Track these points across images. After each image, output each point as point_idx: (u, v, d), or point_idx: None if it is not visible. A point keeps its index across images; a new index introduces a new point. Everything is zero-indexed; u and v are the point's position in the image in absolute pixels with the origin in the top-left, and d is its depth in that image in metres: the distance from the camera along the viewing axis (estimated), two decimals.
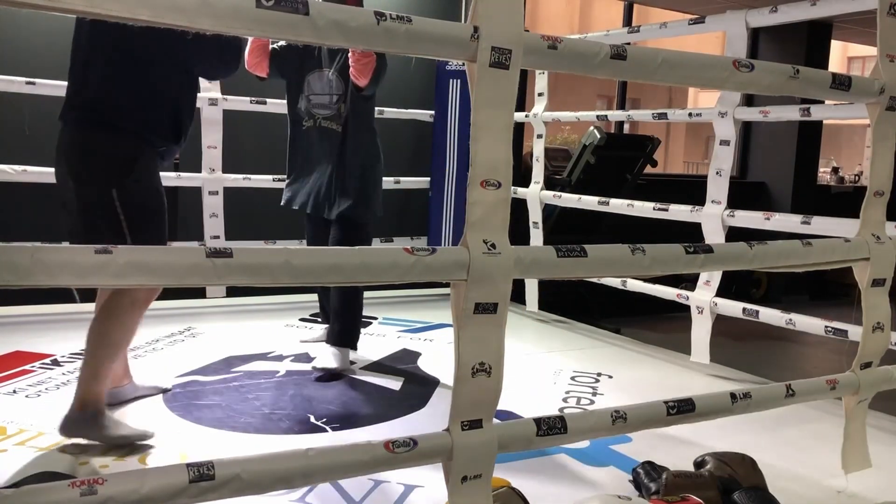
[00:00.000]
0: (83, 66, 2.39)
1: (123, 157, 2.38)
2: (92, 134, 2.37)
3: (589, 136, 5.48)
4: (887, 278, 2.24)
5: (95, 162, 2.36)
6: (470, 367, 1.61)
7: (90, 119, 2.37)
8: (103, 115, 2.36)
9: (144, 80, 2.38)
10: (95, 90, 2.36)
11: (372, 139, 3.31)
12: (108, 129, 2.36)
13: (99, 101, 2.36)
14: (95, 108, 2.36)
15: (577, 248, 1.72)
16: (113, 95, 2.36)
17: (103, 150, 2.36)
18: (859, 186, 8.86)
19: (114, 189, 2.34)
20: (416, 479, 2.25)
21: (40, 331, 3.75)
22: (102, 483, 1.30)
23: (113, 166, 2.36)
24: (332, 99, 3.23)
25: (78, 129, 2.38)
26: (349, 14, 1.43)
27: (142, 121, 2.38)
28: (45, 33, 4.16)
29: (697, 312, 3.58)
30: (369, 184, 3.30)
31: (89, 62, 2.38)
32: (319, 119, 3.25)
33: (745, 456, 2.26)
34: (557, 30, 14.92)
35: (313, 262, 1.48)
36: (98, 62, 2.36)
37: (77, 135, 2.38)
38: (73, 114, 2.39)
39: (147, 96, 2.39)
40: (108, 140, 2.37)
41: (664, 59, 1.78)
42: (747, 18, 3.37)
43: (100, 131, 2.37)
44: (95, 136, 2.37)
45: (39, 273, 1.27)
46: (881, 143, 2.20)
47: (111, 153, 2.37)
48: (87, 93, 2.37)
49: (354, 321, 3.35)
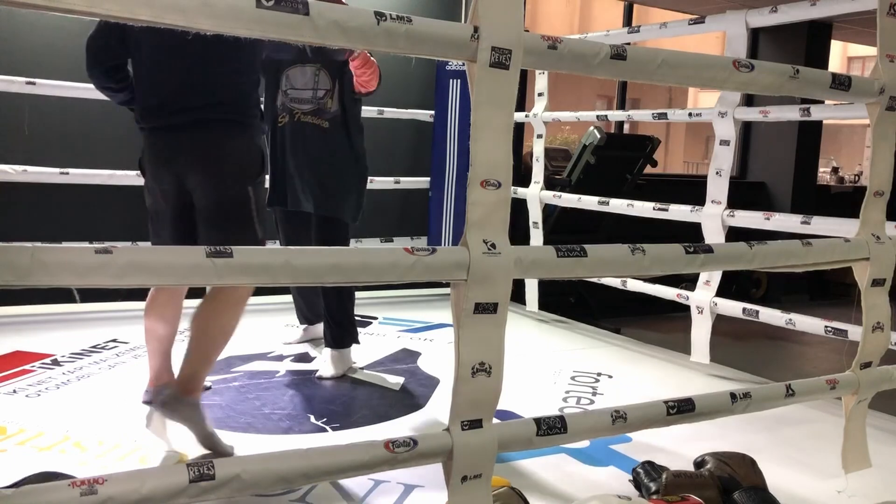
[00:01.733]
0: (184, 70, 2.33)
1: (258, 153, 2.43)
2: (228, 132, 2.36)
3: (589, 136, 5.47)
4: (887, 278, 2.24)
5: (236, 160, 2.37)
6: (470, 367, 1.61)
7: (219, 119, 2.34)
8: (233, 113, 2.36)
9: (249, 79, 2.44)
10: (213, 91, 2.33)
11: (360, 137, 3.29)
12: (242, 127, 2.39)
13: (224, 101, 2.34)
14: (222, 108, 2.34)
15: (577, 248, 1.72)
16: (232, 95, 2.37)
17: (243, 148, 2.39)
18: (859, 186, 8.86)
19: (250, 186, 2.38)
20: (416, 479, 2.25)
21: (40, 331, 3.75)
22: (102, 483, 1.30)
23: (253, 163, 2.41)
24: (315, 94, 3.17)
25: (207, 128, 2.34)
26: (349, 14, 1.43)
27: (257, 117, 2.46)
28: (45, 33, 4.16)
29: (697, 312, 3.58)
30: (356, 181, 3.27)
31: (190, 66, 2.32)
32: (298, 114, 3.18)
33: (745, 456, 2.26)
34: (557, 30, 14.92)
35: (313, 262, 1.48)
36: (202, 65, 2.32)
37: (209, 134, 2.34)
38: (189, 115, 2.33)
39: (254, 94, 2.47)
40: (245, 137, 2.40)
41: (664, 59, 1.78)
42: (747, 18, 3.37)
43: (235, 130, 2.37)
44: (233, 134, 2.37)
45: (39, 273, 1.26)
46: (881, 143, 2.20)
47: (250, 150, 2.41)
48: (201, 94, 2.33)
49: (351, 319, 3.34)
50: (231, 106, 2.36)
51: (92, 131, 4.32)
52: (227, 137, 2.37)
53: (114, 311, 4.17)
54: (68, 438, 2.47)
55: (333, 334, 3.30)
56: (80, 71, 4.16)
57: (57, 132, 4.24)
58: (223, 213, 2.36)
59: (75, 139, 4.28)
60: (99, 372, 3.18)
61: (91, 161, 4.15)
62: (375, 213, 5.03)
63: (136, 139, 4.55)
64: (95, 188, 4.13)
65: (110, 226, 4.37)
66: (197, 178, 2.36)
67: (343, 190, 3.22)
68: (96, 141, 4.33)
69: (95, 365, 3.27)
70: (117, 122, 4.35)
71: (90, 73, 2.48)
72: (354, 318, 3.37)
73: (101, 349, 3.51)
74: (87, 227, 4.27)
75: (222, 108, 2.34)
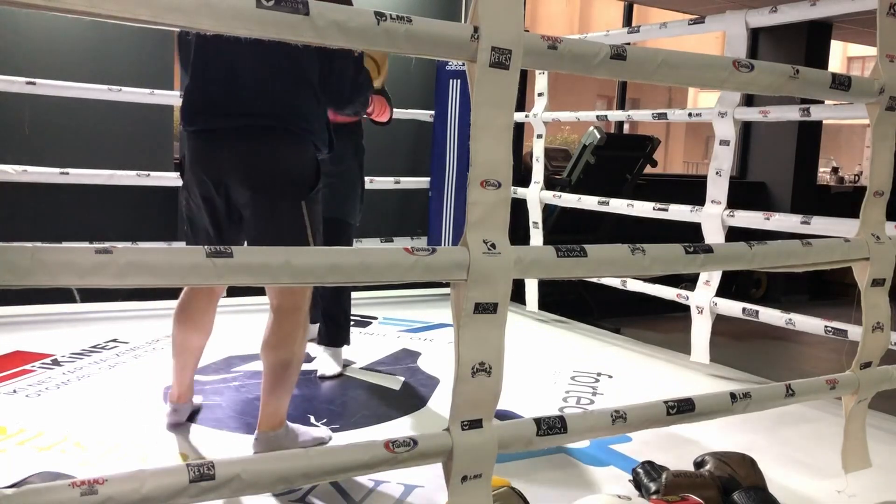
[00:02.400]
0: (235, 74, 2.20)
1: (312, 167, 2.27)
2: (281, 143, 2.21)
3: (589, 136, 5.48)
4: (887, 278, 2.24)
5: (289, 173, 2.23)
6: (470, 367, 1.61)
7: (272, 127, 2.19)
8: (289, 123, 2.20)
9: (309, 90, 2.25)
10: (267, 99, 2.19)
11: (361, 139, 3.32)
12: (296, 139, 2.23)
13: (278, 111, 2.19)
14: (276, 116, 2.19)
15: (577, 248, 1.72)
16: (288, 106, 2.21)
17: (296, 161, 2.24)
18: (859, 186, 8.86)
19: (303, 201, 2.24)
20: (416, 479, 2.25)
21: (40, 331, 3.75)
22: (102, 483, 1.30)
23: (308, 176, 2.26)
24: None
25: (259, 137, 2.20)
26: (349, 14, 1.43)
27: (315, 130, 2.28)
28: (45, 33, 4.17)
29: (697, 312, 3.58)
30: (361, 183, 3.32)
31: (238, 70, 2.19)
32: None
33: (745, 456, 2.26)
34: (557, 30, 14.92)
35: (313, 262, 1.48)
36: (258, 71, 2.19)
37: (260, 144, 2.20)
38: (242, 120, 2.19)
39: (314, 106, 2.28)
40: (299, 150, 2.24)
41: (664, 59, 1.78)
42: (747, 18, 3.37)
43: (289, 141, 2.22)
44: (286, 146, 2.22)
45: (39, 273, 1.26)
46: (881, 143, 2.20)
47: (304, 163, 2.25)
48: (255, 101, 2.19)
49: (348, 318, 3.37)
50: (288, 116, 2.21)
51: (92, 131, 4.33)
52: (281, 147, 2.22)
53: (114, 311, 4.17)
54: (68, 438, 2.47)
55: (331, 332, 3.31)
56: (81, 71, 4.19)
57: (57, 132, 4.24)
58: (273, 230, 2.22)
59: (75, 139, 4.29)
60: (99, 372, 3.18)
61: (91, 161, 4.16)
62: (375, 213, 5.04)
63: (136, 139, 4.55)
64: (95, 188, 4.13)
65: (110, 226, 4.37)
66: (246, 188, 2.21)
67: (358, 191, 3.27)
68: (96, 141, 4.34)
69: (95, 365, 3.27)
70: (117, 122, 4.37)
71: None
72: (351, 317, 3.39)
73: (101, 349, 3.51)
74: (87, 227, 4.27)
75: (278, 116, 2.19)
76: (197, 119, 2.26)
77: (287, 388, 2.34)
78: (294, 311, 2.28)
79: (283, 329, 2.28)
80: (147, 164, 4.19)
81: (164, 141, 4.65)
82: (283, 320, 2.28)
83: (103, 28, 4.14)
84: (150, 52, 4.47)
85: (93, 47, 4.30)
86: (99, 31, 4.24)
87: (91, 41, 4.29)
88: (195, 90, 2.26)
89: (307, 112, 2.26)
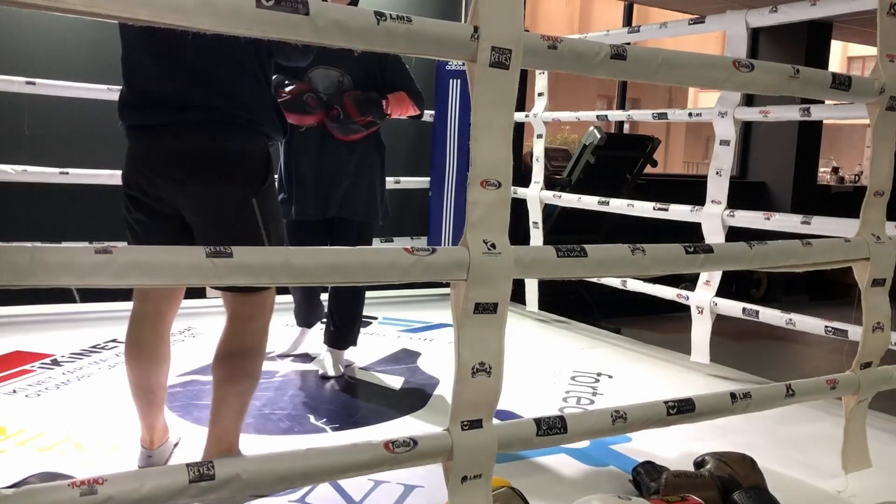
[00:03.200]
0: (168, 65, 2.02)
1: (262, 157, 2.10)
2: (228, 135, 2.04)
3: (589, 136, 5.48)
4: (887, 278, 2.24)
5: (237, 165, 2.05)
6: (470, 367, 1.61)
7: (218, 120, 2.03)
8: (233, 114, 2.04)
9: (248, 75, 2.08)
10: (209, 90, 2.02)
11: (379, 135, 3.28)
12: (240, 130, 2.06)
13: (222, 101, 2.03)
14: (220, 107, 2.02)
15: (577, 248, 1.72)
16: (232, 95, 2.04)
17: (244, 153, 2.07)
18: (859, 186, 8.86)
19: (254, 198, 2.06)
20: (416, 479, 2.25)
21: (40, 331, 3.75)
22: (102, 483, 1.30)
23: (255, 170, 2.09)
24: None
25: (204, 130, 2.02)
26: (349, 14, 1.43)
27: (261, 119, 2.11)
28: (45, 33, 4.16)
29: (697, 312, 3.58)
30: (381, 180, 3.28)
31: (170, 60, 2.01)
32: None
33: (745, 456, 2.26)
34: (557, 30, 14.92)
35: (313, 262, 1.48)
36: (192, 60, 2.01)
37: (205, 136, 2.02)
38: (185, 115, 2.01)
39: (257, 91, 2.11)
40: (247, 141, 2.08)
41: (664, 59, 1.77)
42: (747, 18, 3.37)
43: (236, 132, 2.05)
44: (233, 137, 2.05)
45: (39, 273, 1.26)
46: (881, 143, 2.20)
47: (253, 155, 2.08)
48: (191, 93, 2.01)
49: (359, 322, 3.36)
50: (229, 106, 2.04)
51: (92, 131, 4.32)
52: (224, 141, 2.04)
53: (114, 311, 4.17)
54: (68, 438, 2.47)
55: (340, 335, 3.29)
56: (81, 71, 4.18)
57: (57, 132, 4.24)
58: (222, 233, 1.97)
59: (75, 139, 4.28)
60: (99, 372, 3.18)
61: (91, 161, 4.15)
62: None
63: None
64: (95, 188, 4.13)
65: (110, 226, 4.35)
66: (187, 189, 2.02)
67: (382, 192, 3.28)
68: (96, 141, 4.33)
69: (95, 365, 3.27)
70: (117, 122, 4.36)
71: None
72: (362, 320, 3.38)
73: (101, 349, 3.51)
74: (87, 227, 4.27)
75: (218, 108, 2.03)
76: (131, 114, 2.07)
77: (240, 408, 2.11)
78: (250, 319, 2.10)
79: (239, 340, 2.09)
80: None
81: None
82: (240, 330, 2.10)
83: (103, 28, 4.13)
84: None
85: (93, 47, 4.29)
86: (99, 31, 4.24)
87: (91, 41, 4.28)
88: (126, 84, 2.08)
89: (249, 100, 2.07)
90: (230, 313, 2.11)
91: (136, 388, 2.18)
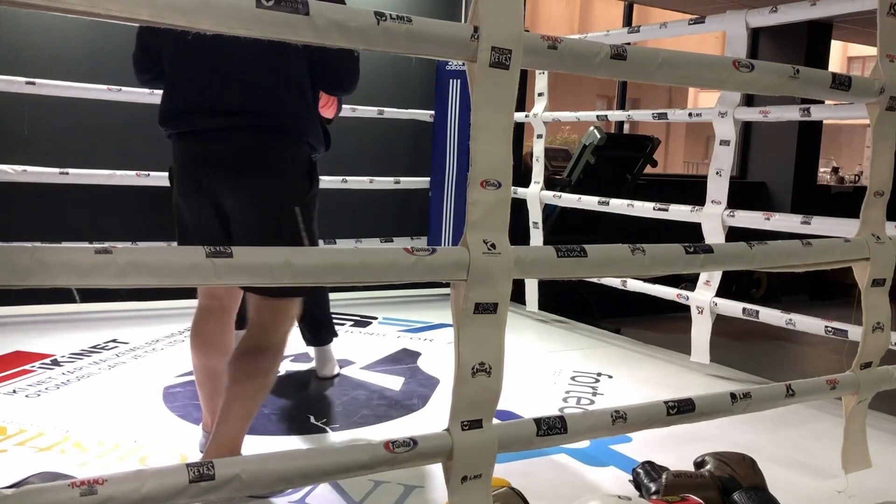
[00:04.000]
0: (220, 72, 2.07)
1: (307, 167, 2.16)
2: (276, 140, 2.08)
3: (589, 136, 5.48)
4: (887, 278, 2.24)
5: (283, 171, 2.10)
6: (470, 367, 1.61)
7: (262, 127, 2.06)
8: (280, 122, 2.08)
9: (298, 86, 2.13)
10: (256, 97, 2.06)
11: None
12: (288, 138, 2.10)
13: (268, 109, 2.07)
14: (269, 114, 2.06)
15: (577, 248, 1.72)
16: (279, 103, 2.09)
17: (291, 159, 2.12)
18: (859, 186, 8.86)
19: (297, 206, 2.11)
20: (416, 479, 2.25)
21: (40, 331, 3.75)
22: (102, 483, 1.30)
23: (301, 178, 2.14)
24: None
25: (248, 138, 2.06)
26: (349, 14, 1.43)
27: (308, 129, 2.16)
28: (45, 33, 4.16)
29: (697, 312, 3.58)
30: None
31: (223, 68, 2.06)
32: None
33: (745, 456, 2.26)
34: (557, 30, 14.92)
35: (313, 262, 1.48)
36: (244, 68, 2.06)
37: (250, 145, 2.06)
38: (230, 120, 2.05)
39: (305, 103, 2.16)
40: (295, 148, 2.12)
41: (664, 59, 1.77)
42: (747, 18, 3.37)
43: (284, 139, 2.09)
44: (281, 143, 2.09)
45: (39, 273, 1.26)
46: (881, 143, 2.20)
47: (298, 163, 2.13)
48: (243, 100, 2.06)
49: (329, 316, 3.35)
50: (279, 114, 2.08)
51: (92, 131, 4.32)
52: (273, 148, 2.08)
53: (114, 311, 4.17)
54: (68, 438, 2.47)
55: (315, 331, 3.28)
56: (81, 71, 4.18)
57: (57, 132, 4.24)
58: (265, 239, 2.02)
59: (75, 139, 4.28)
60: (99, 372, 3.18)
61: (91, 161, 4.16)
62: (375, 213, 5.04)
63: (136, 139, 4.55)
64: (95, 188, 4.13)
65: (110, 226, 4.37)
66: (235, 193, 2.07)
67: None
68: (96, 141, 4.33)
69: (95, 365, 3.27)
70: (117, 122, 4.36)
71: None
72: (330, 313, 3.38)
73: (101, 349, 3.51)
74: (87, 227, 4.27)
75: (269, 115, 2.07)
76: (180, 121, 2.12)
77: (249, 410, 2.12)
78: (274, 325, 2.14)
79: (260, 339, 2.12)
80: (147, 164, 4.19)
81: (164, 141, 4.64)
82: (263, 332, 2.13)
83: (103, 28, 4.13)
84: None
85: (93, 47, 4.29)
86: (99, 31, 4.24)
87: (91, 41, 4.29)
88: (177, 90, 2.13)
89: (299, 110, 2.13)
90: (255, 319, 2.14)
91: (202, 377, 2.30)
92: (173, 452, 2.40)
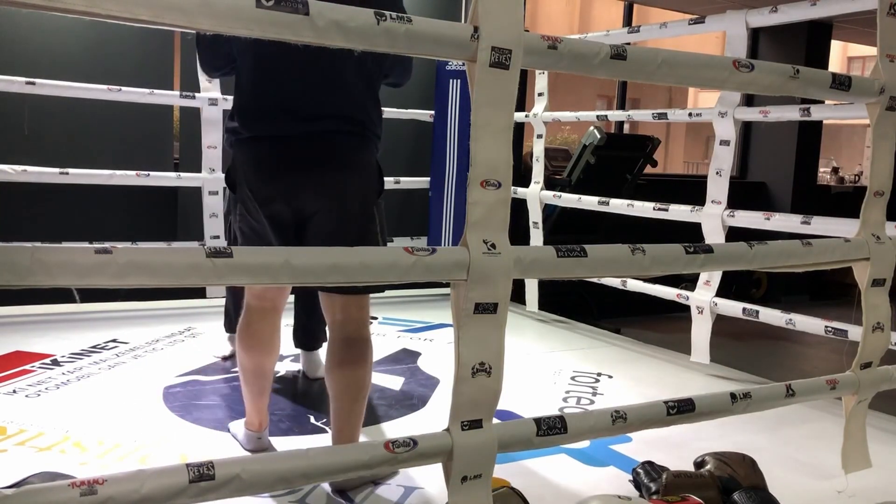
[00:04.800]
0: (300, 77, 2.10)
1: (379, 169, 2.25)
2: (354, 148, 2.16)
3: (589, 136, 5.48)
4: (887, 278, 2.24)
5: (365, 178, 2.19)
6: (470, 367, 1.61)
7: (344, 132, 2.13)
8: (361, 127, 2.15)
9: (373, 91, 2.21)
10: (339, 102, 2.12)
11: None
12: (366, 142, 2.19)
13: (350, 114, 2.14)
14: (348, 119, 2.13)
15: (577, 248, 1.72)
16: (359, 108, 2.16)
17: (370, 163, 2.21)
18: (859, 186, 8.87)
19: (374, 206, 2.21)
20: (416, 479, 2.25)
21: (40, 331, 3.75)
22: (102, 483, 1.30)
23: (377, 179, 2.23)
24: None
25: (331, 143, 2.12)
26: (349, 14, 1.43)
27: (380, 133, 2.25)
28: (45, 33, 4.16)
29: (697, 312, 3.58)
30: None
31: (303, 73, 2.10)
32: None
33: (745, 456, 2.26)
34: (557, 30, 14.92)
35: (313, 262, 1.48)
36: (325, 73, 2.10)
37: (334, 150, 2.12)
38: (315, 125, 2.10)
39: (378, 106, 2.24)
40: (369, 153, 2.21)
41: (664, 59, 1.78)
42: (747, 18, 3.37)
43: (360, 145, 2.17)
44: (358, 150, 2.17)
45: (39, 273, 1.26)
46: (881, 143, 2.20)
47: (374, 165, 2.23)
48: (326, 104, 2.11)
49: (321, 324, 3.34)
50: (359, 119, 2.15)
51: (92, 131, 4.32)
52: (355, 152, 2.16)
53: (114, 311, 4.17)
54: (68, 438, 2.47)
55: (309, 340, 3.29)
56: (81, 71, 4.18)
57: (57, 132, 4.24)
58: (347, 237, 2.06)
59: (75, 139, 4.28)
60: (99, 372, 3.18)
61: (91, 161, 4.16)
62: None
63: (136, 139, 4.54)
64: (95, 188, 4.13)
65: (110, 226, 4.37)
66: (319, 196, 2.12)
67: None
68: (96, 141, 4.33)
69: (95, 365, 3.27)
70: (117, 122, 4.36)
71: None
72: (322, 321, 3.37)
73: (101, 349, 3.51)
74: (87, 227, 4.27)
75: (350, 119, 2.13)
76: (259, 125, 2.12)
77: (362, 412, 2.22)
78: (363, 325, 2.21)
79: (359, 346, 2.20)
80: (147, 164, 4.19)
81: (164, 141, 4.65)
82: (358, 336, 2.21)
83: (103, 28, 4.14)
84: (150, 52, 4.47)
85: (93, 47, 4.30)
86: (99, 31, 4.24)
87: (91, 41, 4.29)
88: (255, 94, 2.14)
89: (375, 114, 2.20)
90: (344, 317, 2.19)
91: (251, 376, 2.34)
92: (173, 452, 2.40)
